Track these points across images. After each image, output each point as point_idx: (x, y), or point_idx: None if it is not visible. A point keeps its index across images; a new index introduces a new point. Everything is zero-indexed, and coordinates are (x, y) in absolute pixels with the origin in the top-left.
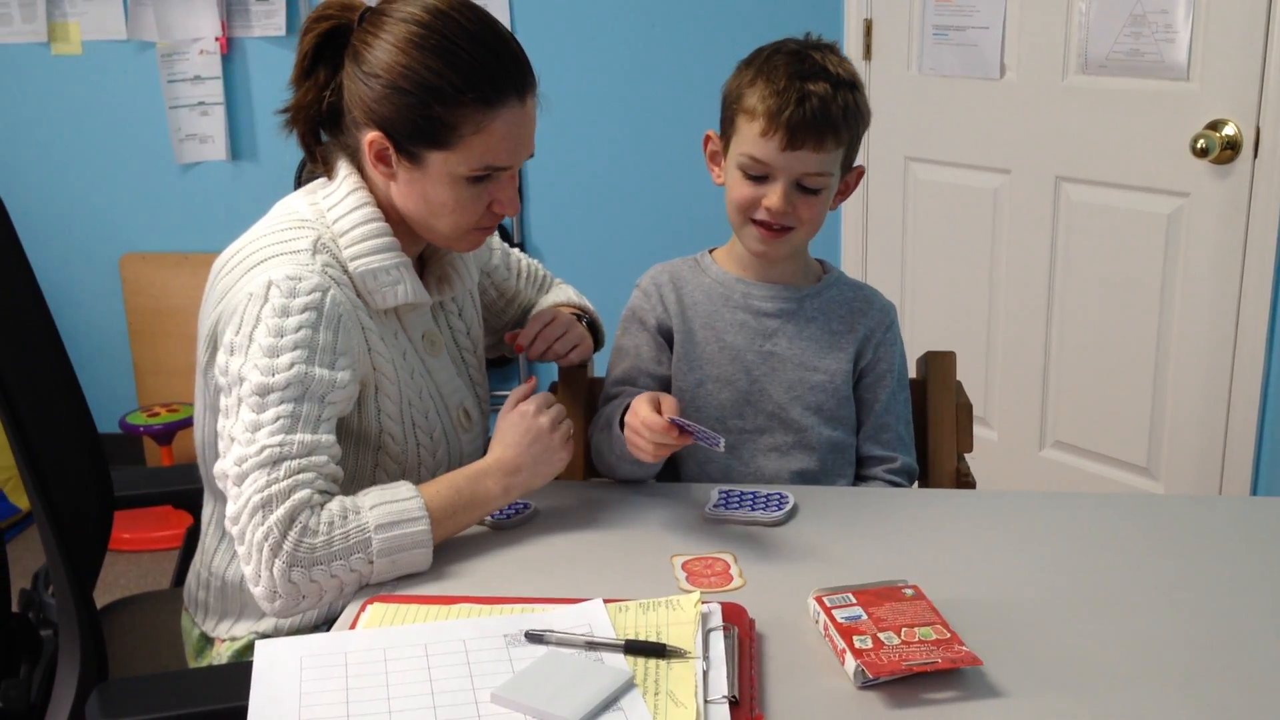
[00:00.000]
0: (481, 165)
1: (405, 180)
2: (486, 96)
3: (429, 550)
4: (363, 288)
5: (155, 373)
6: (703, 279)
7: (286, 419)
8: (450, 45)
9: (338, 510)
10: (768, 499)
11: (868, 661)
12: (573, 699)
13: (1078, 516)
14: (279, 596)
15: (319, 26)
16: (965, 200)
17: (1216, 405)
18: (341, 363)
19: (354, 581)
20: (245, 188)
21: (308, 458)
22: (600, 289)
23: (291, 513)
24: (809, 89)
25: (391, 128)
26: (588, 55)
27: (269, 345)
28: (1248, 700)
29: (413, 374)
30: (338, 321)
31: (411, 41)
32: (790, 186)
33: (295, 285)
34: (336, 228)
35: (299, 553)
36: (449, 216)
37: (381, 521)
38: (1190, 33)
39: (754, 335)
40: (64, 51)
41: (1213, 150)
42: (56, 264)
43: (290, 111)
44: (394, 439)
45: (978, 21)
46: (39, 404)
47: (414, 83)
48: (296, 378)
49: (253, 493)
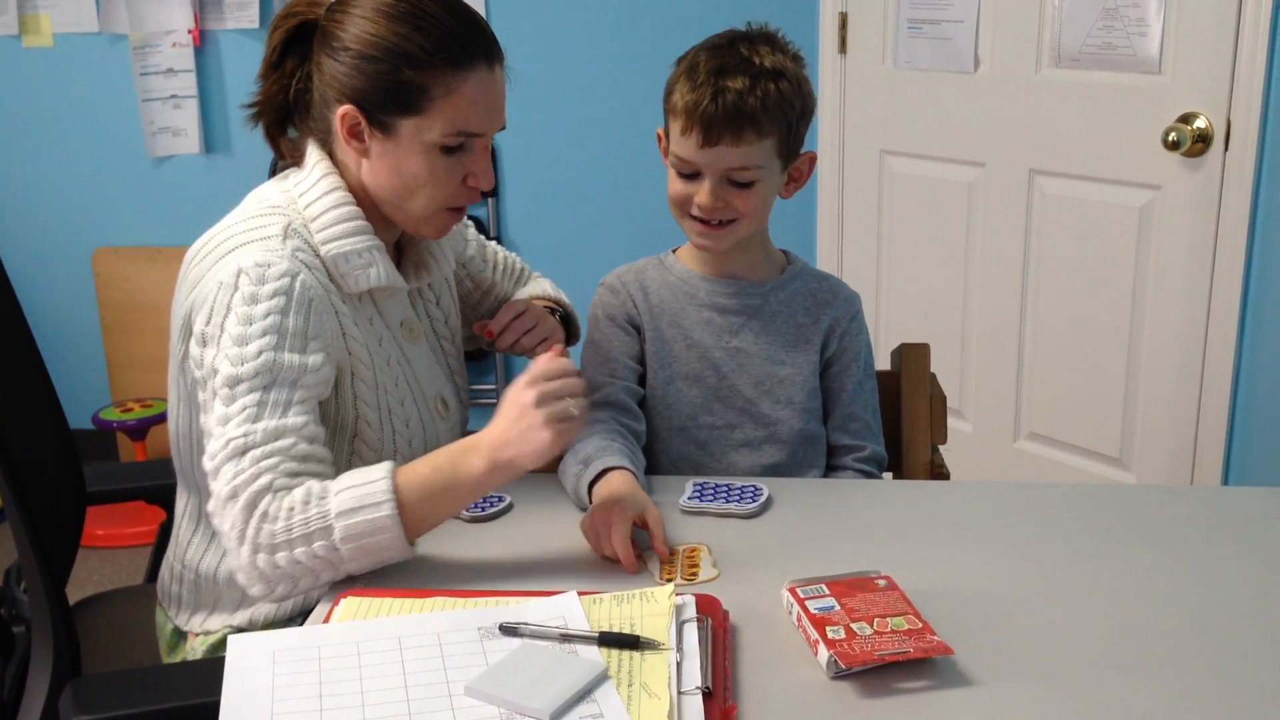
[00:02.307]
0: (454, 130)
1: (378, 154)
2: (455, 58)
3: (398, 535)
4: (335, 271)
5: (128, 367)
6: (667, 277)
7: (253, 408)
8: (419, 12)
9: (300, 496)
10: (741, 491)
11: (840, 652)
12: (547, 691)
13: (1050, 507)
14: (255, 581)
15: (287, 23)
16: (940, 193)
17: (1188, 396)
18: (313, 346)
19: (326, 569)
20: (218, 181)
21: (273, 443)
22: (575, 283)
23: (253, 500)
24: (724, 85)
25: (363, 98)
26: (563, 48)
27: (238, 334)
28: (1218, 686)
29: (389, 360)
30: (308, 306)
31: (381, 12)
32: (718, 182)
33: (264, 272)
34: (308, 212)
35: (260, 539)
36: (424, 190)
37: (344, 507)
38: (1162, 26)
39: (720, 332)
40: (35, 44)
41: (1184, 143)
42: (28, 258)
43: (257, 105)
44: (370, 425)
45: (952, 15)
46: (11, 399)
47: (384, 49)
48: (265, 365)
49: (222, 485)
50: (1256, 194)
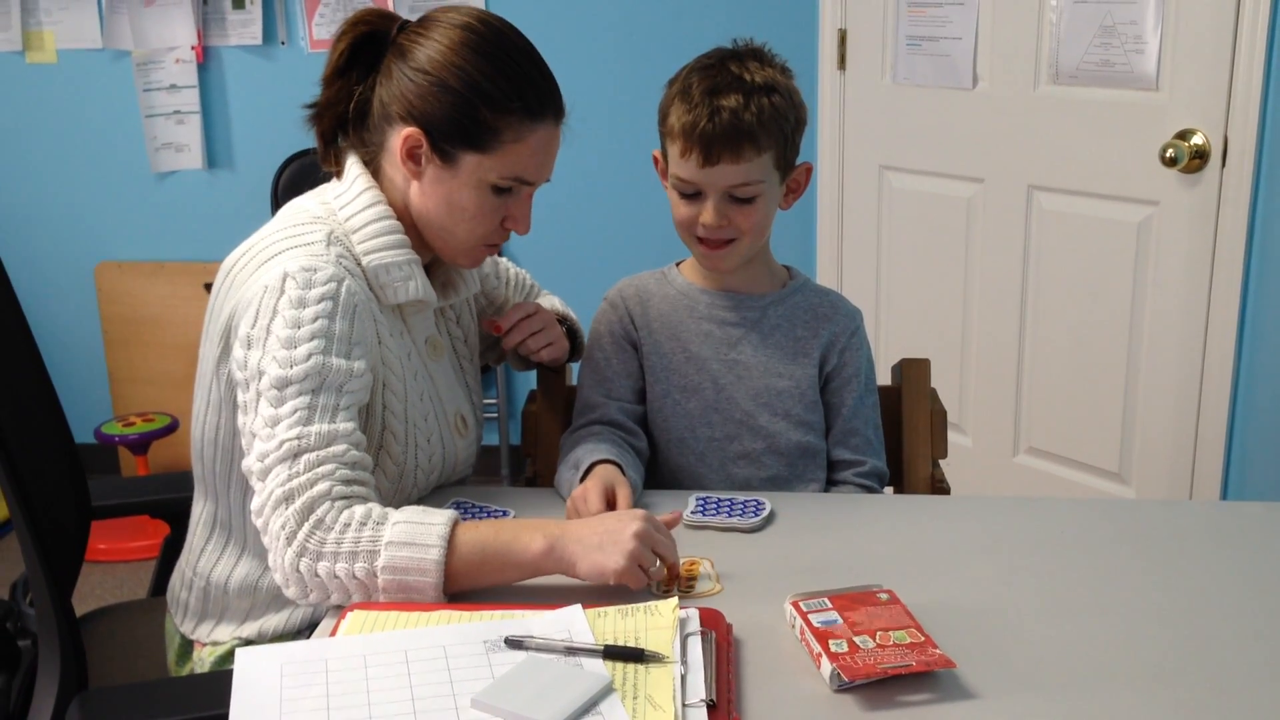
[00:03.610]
0: (512, 175)
1: (432, 180)
2: (532, 109)
3: (434, 581)
4: (375, 282)
5: (131, 382)
6: (668, 291)
7: (304, 410)
8: (504, 54)
9: (361, 515)
10: (744, 505)
11: (843, 665)
12: (552, 703)
13: (1050, 521)
14: (290, 583)
15: (357, 30)
16: (939, 208)
17: (1186, 411)
18: (357, 352)
19: (359, 590)
20: (221, 196)
21: (327, 448)
22: (579, 298)
23: (309, 505)
24: (719, 104)
25: (432, 124)
26: (563, 63)
27: (286, 337)
28: (1217, 700)
29: (416, 375)
30: (353, 311)
31: (465, 44)
32: (721, 200)
33: (311, 276)
34: (350, 224)
35: (309, 543)
36: (467, 223)
37: (397, 539)
38: (1159, 44)
39: (719, 344)
40: (39, 60)
41: (1182, 159)
42: (31, 272)
43: (318, 108)
44: (395, 438)
45: (950, 32)
46: (17, 412)
47: (464, 83)
48: (314, 369)
49: (275, 486)
50: (1254, 210)
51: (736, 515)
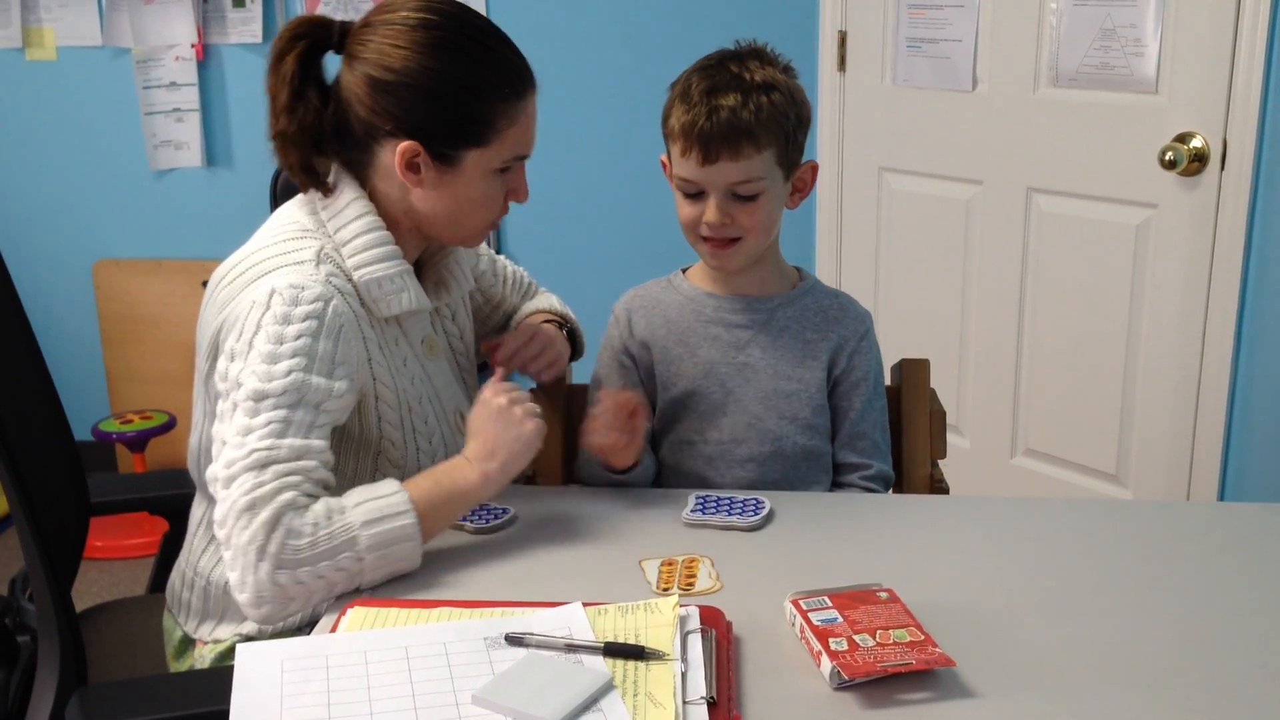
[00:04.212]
0: (512, 156)
1: (434, 183)
2: (518, 89)
3: (418, 544)
4: (367, 296)
5: (128, 379)
6: (675, 297)
7: (279, 424)
8: (474, 43)
9: (322, 511)
10: (744, 504)
11: (843, 663)
12: (553, 700)
13: (1048, 522)
14: (265, 602)
15: (297, 47)
16: (938, 210)
17: (1184, 413)
18: (339, 372)
19: (343, 581)
20: (220, 194)
21: (297, 461)
22: (579, 297)
23: (276, 515)
24: (717, 103)
25: (427, 133)
26: (565, 64)
27: (268, 352)
28: (1215, 700)
29: (413, 380)
30: (338, 332)
31: (433, 44)
32: (724, 198)
33: (298, 294)
34: (339, 237)
35: (284, 555)
36: (479, 212)
37: (367, 518)
38: (1159, 47)
39: (727, 347)
40: (39, 57)
41: (1180, 162)
42: (29, 269)
43: (284, 138)
44: (394, 445)
45: (950, 34)
46: (17, 410)
47: (449, 86)
48: (293, 385)
49: (239, 495)
50: (1252, 213)
51: (736, 514)
